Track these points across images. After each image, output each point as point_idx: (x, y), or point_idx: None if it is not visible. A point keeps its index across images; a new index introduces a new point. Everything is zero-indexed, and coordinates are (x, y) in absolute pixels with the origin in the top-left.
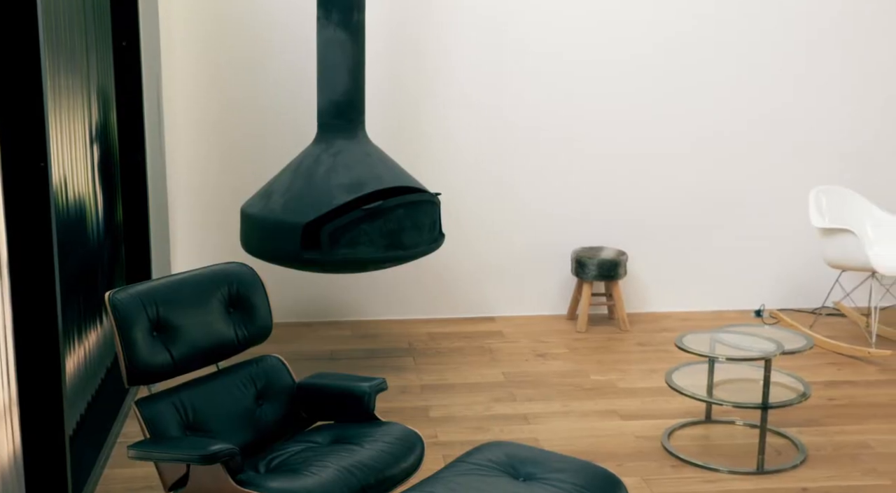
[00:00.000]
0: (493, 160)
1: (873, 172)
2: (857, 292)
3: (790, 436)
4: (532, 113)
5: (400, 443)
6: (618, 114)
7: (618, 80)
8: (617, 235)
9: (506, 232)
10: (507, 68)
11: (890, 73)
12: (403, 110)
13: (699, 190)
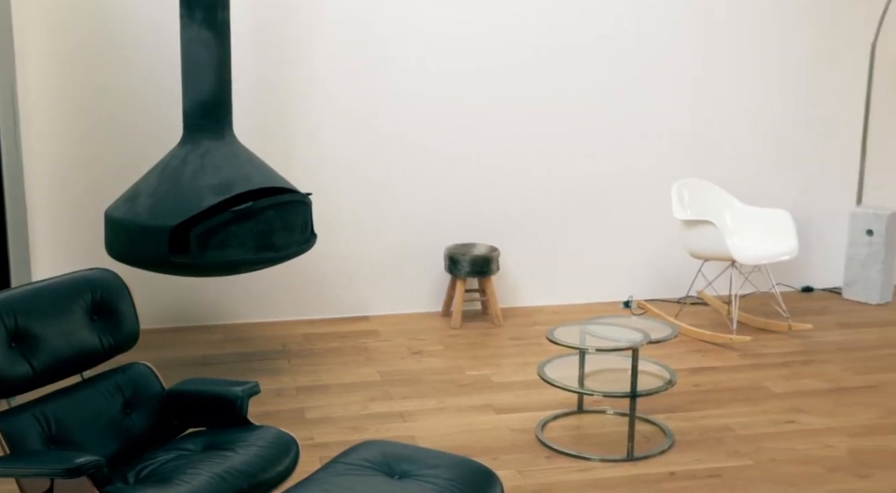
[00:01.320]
0: (364, 159)
1: (731, 166)
2: (719, 281)
3: (658, 422)
4: (401, 112)
5: (274, 447)
6: (485, 111)
7: (483, 79)
8: (489, 232)
9: (378, 231)
10: (375, 68)
11: (744, 71)
12: (272, 110)
13: (567, 185)
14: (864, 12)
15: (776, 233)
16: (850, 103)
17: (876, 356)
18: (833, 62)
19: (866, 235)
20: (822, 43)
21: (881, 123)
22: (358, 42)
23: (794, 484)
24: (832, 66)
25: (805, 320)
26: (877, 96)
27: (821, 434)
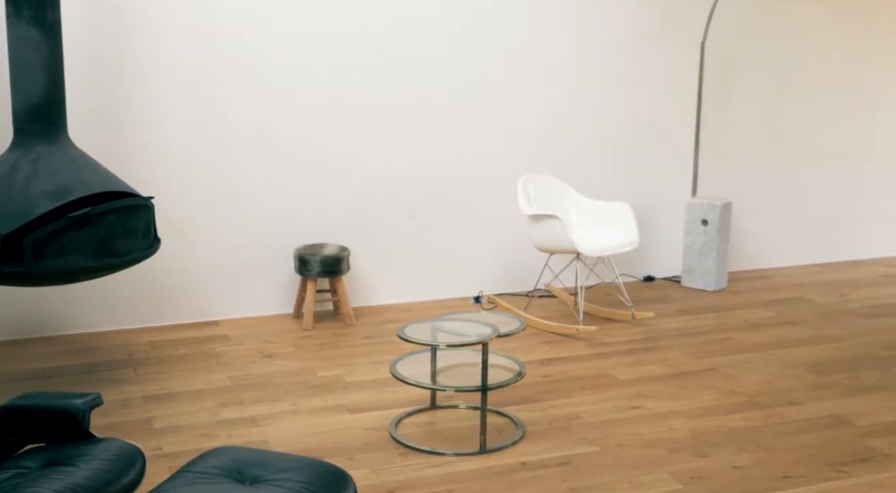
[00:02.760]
0: (208, 161)
1: (575, 161)
2: (565, 274)
3: (510, 414)
4: (246, 111)
5: (119, 459)
6: (333, 109)
7: (330, 76)
8: (338, 231)
9: (225, 233)
10: (217, 66)
11: (585, 69)
12: (110, 111)
13: (416, 183)
14: (693, 12)
15: (618, 225)
16: (682, 99)
17: (713, 341)
18: (666, 60)
19: (702, 224)
20: (656, 41)
21: (712, 118)
22: (203, 40)
23: (639, 467)
24: (665, 64)
25: (647, 308)
26: (707, 93)
27: (664, 418)
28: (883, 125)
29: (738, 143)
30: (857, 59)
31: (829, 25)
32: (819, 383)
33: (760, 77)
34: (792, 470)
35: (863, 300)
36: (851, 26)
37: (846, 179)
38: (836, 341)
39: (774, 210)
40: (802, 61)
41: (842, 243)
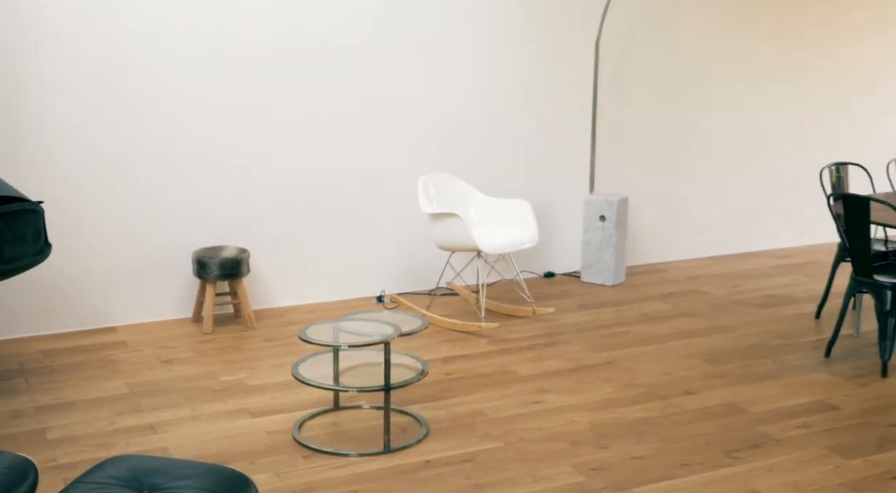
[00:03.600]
0: (101, 162)
1: (474, 160)
2: (467, 271)
3: (413, 413)
4: (140, 114)
5: (9, 472)
6: (228, 110)
7: (225, 77)
8: (237, 233)
9: (120, 237)
10: (111, 69)
11: (486, 68)
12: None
13: (316, 182)
14: (587, 12)
15: (518, 223)
16: (578, 98)
17: (612, 334)
18: (561, 60)
19: (600, 220)
20: (551, 41)
21: (607, 116)
22: (94, 41)
23: (542, 460)
24: (561, 64)
25: (548, 304)
26: (602, 91)
27: (565, 411)
28: (772, 122)
29: (633, 140)
30: (748, 57)
31: (719, 25)
32: (714, 373)
33: (654, 75)
34: (689, 458)
35: (754, 291)
36: (741, 26)
37: (737, 174)
38: (729, 331)
39: (669, 205)
40: (694, 60)
41: (734, 237)
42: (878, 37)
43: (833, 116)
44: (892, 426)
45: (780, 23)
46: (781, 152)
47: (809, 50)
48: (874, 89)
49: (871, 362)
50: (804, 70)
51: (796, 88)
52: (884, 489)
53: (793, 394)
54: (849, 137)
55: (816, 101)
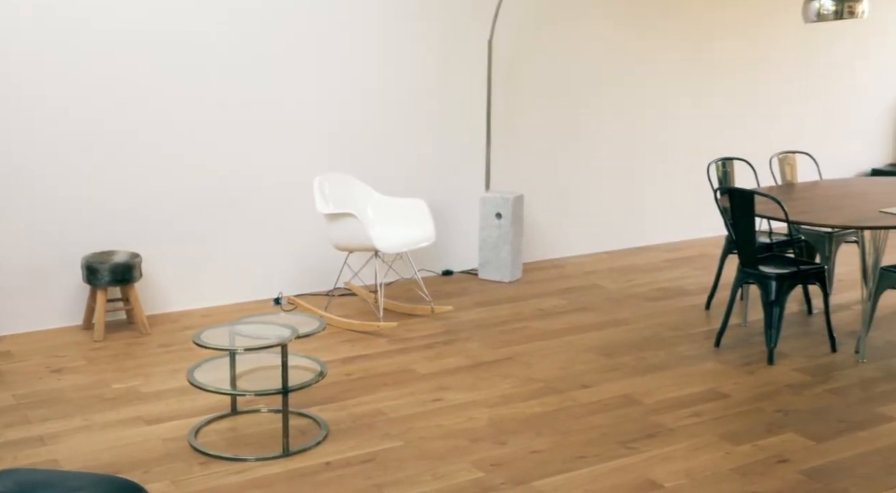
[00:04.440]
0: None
1: (369, 159)
2: (364, 271)
3: (313, 415)
4: (26, 115)
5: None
6: (115, 113)
7: (114, 80)
8: (129, 237)
9: (4, 243)
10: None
11: (380, 67)
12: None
13: (208, 184)
14: (480, 11)
15: (414, 221)
16: (473, 96)
17: (509, 331)
18: (456, 58)
19: (496, 218)
20: (444, 40)
21: (502, 114)
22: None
23: (442, 458)
24: (455, 63)
25: (446, 302)
26: (496, 89)
27: (464, 408)
28: (662, 119)
29: (528, 137)
30: (637, 56)
31: (610, 24)
32: (609, 366)
33: (547, 73)
34: (586, 450)
35: (648, 285)
36: (630, 25)
37: (629, 170)
38: (624, 324)
39: (564, 202)
40: (586, 58)
41: (628, 231)
42: (760, 35)
43: (719, 112)
44: (779, 412)
45: (667, 23)
46: (671, 148)
47: (696, 49)
48: (758, 86)
49: (759, 350)
50: (691, 68)
51: (684, 85)
52: (771, 473)
53: (685, 384)
54: (734, 133)
55: (703, 98)
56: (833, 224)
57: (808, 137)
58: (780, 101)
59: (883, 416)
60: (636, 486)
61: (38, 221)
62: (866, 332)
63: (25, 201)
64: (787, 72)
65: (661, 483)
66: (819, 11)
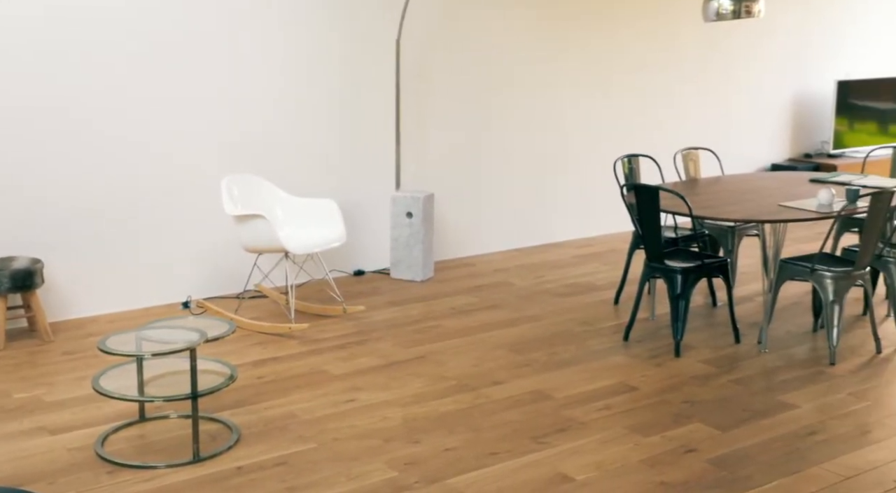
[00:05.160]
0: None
1: (279, 159)
2: (275, 273)
3: (223, 420)
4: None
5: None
6: (13, 114)
7: (11, 79)
8: (29, 242)
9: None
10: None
11: (289, 67)
12: None
13: (113, 187)
14: (387, 11)
15: (325, 222)
16: (382, 96)
17: (422, 329)
18: (364, 58)
19: (407, 217)
20: (352, 40)
21: (412, 113)
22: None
23: (355, 459)
24: (364, 62)
25: (358, 302)
26: (405, 88)
27: (377, 408)
28: (571, 116)
29: (437, 137)
30: (545, 55)
31: (517, 22)
32: (521, 362)
33: (455, 72)
34: (498, 446)
35: (558, 280)
36: (538, 23)
37: (538, 167)
38: (534, 320)
39: (475, 200)
40: (494, 57)
41: (538, 228)
42: (664, 34)
43: (625, 110)
44: (685, 403)
45: (574, 21)
46: (579, 145)
47: (602, 48)
48: (663, 84)
49: (666, 342)
50: (598, 67)
51: (591, 83)
52: (678, 462)
53: (595, 378)
54: (640, 130)
55: (610, 96)
56: (735, 218)
57: (711, 134)
58: (684, 98)
59: (784, 404)
60: (548, 480)
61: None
62: (768, 323)
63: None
64: (689, 70)
65: (573, 477)
66: (718, 11)
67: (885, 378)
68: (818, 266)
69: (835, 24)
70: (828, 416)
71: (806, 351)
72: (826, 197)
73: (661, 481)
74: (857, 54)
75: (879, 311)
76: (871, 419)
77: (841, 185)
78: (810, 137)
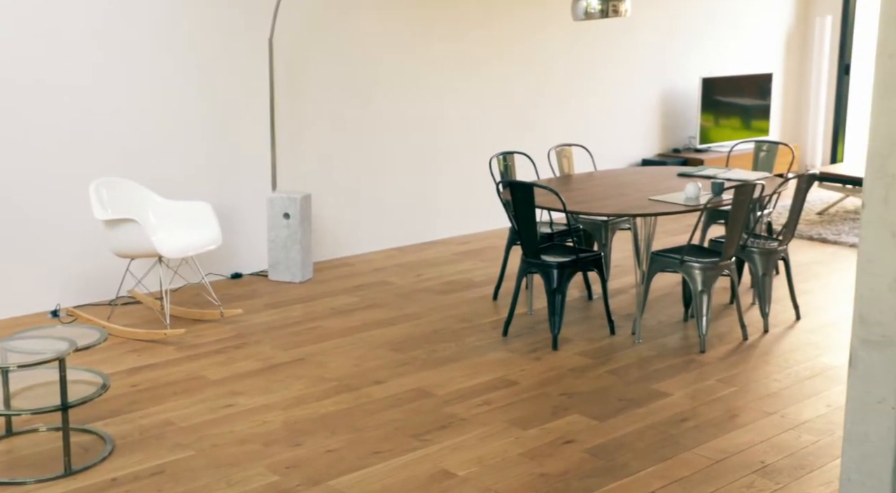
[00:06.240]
0: None
1: (150, 162)
2: (149, 278)
3: (96, 431)
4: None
5: None
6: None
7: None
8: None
9: None
10: None
11: (158, 68)
12: None
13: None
14: (259, 8)
15: (199, 224)
16: (256, 95)
17: (301, 331)
18: (236, 57)
19: (284, 218)
20: (225, 39)
21: (286, 113)
22: None
23: (235, 464)
24: (236, 61)
25: (236, 305)
26: (279, 88)
27: (257, 412)
28: (446, 115)
29: (314, 136)
30: (421, 53)
31: (393, 21)
32: (401, 361)
33: (330, 71)
34: (381, 445)
35: (437, 278)
36: (414, 22)
37: (416, 165)
38: (415, 318)
39: (353, 199)
40: (370, 55)
41: (417, 227)
42: (537, 33)
43: (499, 108)
44: (563, 395)
45: (448, 23)
46: (455, 144)
47: (477, 47)
48: (536, 82)
49: (544, 336)
50: (473, 65)
51: (466, 83)
52: (558, 454)
53: (475, 374)
54: (514, 128)
55: (484, 95)
56: (608, 213)
57: (583, 131)
58: (557, 96)
59: (658, 392)
60: (430, 477)
61: None
62: (641, 314)
63: None
64: (561, 69)
65: (455, 472)
66: (586, 10)
67: (751, 364)
68: (687, 258)
69: (699, 22)
70: (699, 402)
71: (677, 340)
72: (693, 190)
73: (541, 472)
74: (721, 52)
75: (745, 299)
76: (739, 404)
77: (707, 178)
78: (678, 133)
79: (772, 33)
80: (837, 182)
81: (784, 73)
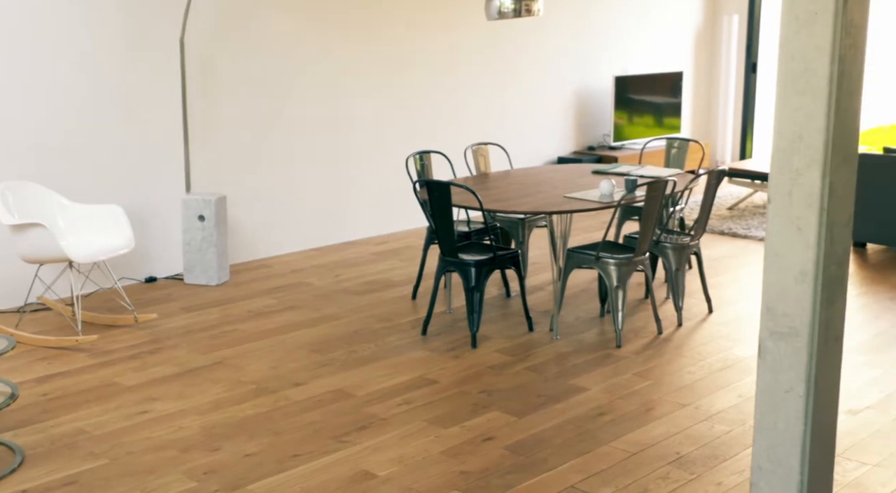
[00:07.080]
0: None
1: (59, 165)
2: (59, 284)
3: (5, 441)
4: None
5: None
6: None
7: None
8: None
9: None
10: None
11: (74, 69)
12: None
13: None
14: (169, 9)
15: (111, 228)
16: (167, 97)
17: (219, 334)
18: (147, 58)
19: (199, 220)
20: (134, 39)
21: (200, 114)
22: None
23: (151, 472)
24: (146, 62)
25: (150, 310)
26: (192, 89)
27: (173, 418)
28: (360, 115)
29: (228, 136)
30: (336, 52)
31: (306, 20)
32: (321, 362)
33: (243, 72)
34: (300, 448)
35: (356, 278)
36: (327, 21)
37: (333, 165)
38: (333, 319)
39: (269, 201)
40: (284, 55)
41: (334, 227)
42: (452, 32)
43: (415, 107)
44: (483, 392)
45: (362, 22)
46: (371, 143)
47: (392, 46)
48: (450, 82)
49: (463, 335)
50: (388, 65)
51: (380, 83)
52: (478, 451)
53: (395, 373)
54: (430, 127)
55: (399, 95)
56: (524, 210)
57: (499, 129)
58: (472, 95)
59: (575, 387)
60: (350, 478)
61: None
62: (558, 310)
63: None
64: (475, 67)
65: (375, 473)
66: (500, 9)
67: (665, 357)
68: (602, 254)
69: (611, 20)
70: (615, 396)
71: (594, 336)
72: (607, 188)
73: (462, 470)
74: (633, 50)
75: (659, 294)
76: (654, 397)
77: (620, 176)
78: (593, 131)
79: (681, 32)
80: (747, 178)
81: (694, 72)
